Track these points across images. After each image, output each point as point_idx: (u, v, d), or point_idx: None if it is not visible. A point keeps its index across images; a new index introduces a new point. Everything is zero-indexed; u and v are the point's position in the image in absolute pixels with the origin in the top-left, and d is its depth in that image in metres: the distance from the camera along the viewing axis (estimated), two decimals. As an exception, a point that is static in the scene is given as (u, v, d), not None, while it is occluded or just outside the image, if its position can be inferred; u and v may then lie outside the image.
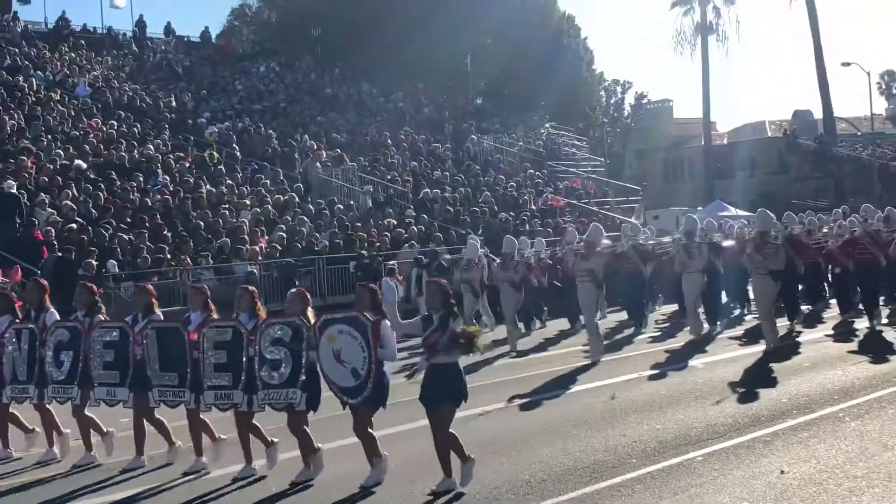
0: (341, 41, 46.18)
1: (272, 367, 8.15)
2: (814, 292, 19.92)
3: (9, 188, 19.65)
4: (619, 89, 70.34)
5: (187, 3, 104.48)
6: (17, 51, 31.75)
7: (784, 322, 16.46)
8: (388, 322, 7.89)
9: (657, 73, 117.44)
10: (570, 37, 55.76)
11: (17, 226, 18.66)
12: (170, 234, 20.73)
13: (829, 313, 18.87)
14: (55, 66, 32.23)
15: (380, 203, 27.28)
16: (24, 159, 21.96)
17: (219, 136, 28.98)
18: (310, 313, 8.34)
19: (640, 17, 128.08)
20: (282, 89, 37.37)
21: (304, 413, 8.23)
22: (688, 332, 16.68)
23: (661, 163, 58.86)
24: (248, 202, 24.27)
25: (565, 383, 12.75)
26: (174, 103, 31.67)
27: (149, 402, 8.81)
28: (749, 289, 17.94)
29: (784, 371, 12.64)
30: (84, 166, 22.98)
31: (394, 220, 25.47)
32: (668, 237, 20.26)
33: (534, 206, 29.77)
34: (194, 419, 8.79)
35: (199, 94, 34.01)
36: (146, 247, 19.60)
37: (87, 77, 31.72)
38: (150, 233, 20.35)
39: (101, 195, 21.50)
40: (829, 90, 51.27)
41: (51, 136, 24.66)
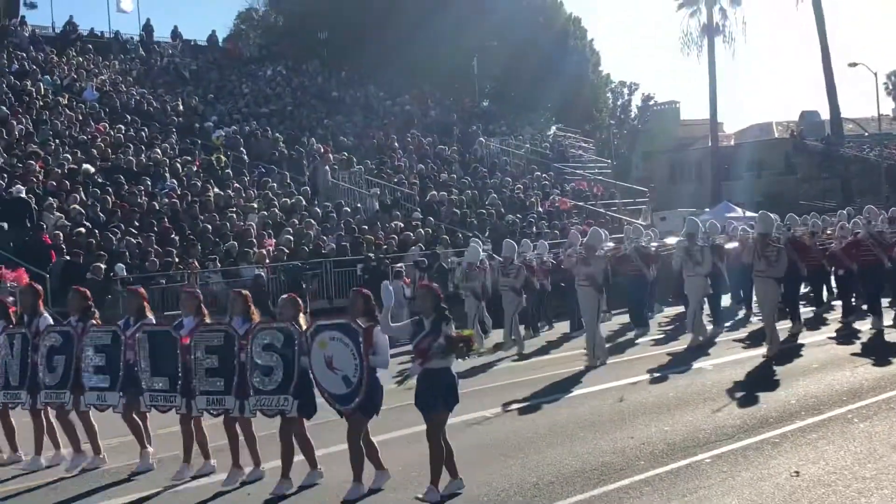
0: (348, 44, 46.27)
1: (264, 372, 8.04)
2: (817, 294, 19.88)
3: (17, 192, 19.73)
4: (625, 91, 70.45)
5: (194, 7, 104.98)
6: (25, 55, 31.89)
7: (786, 325, 16.37)
8: (381, 329, 7.75)
9: (664, 74, 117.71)
10: (576, 38, 55.71)
11: (27, 230, 18.74)
12: (177, 238, 20.77)
13: (832, 315, 18.75)
14: (63, 70, 32.31)
15: (387, 206, 27.29)
16: (33, 163, 22.01)
17: (226, 140, 29.00)
18: (301, 319, 8.24)
19: (647, 18, 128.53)
20: (289, 93, 37.45)
21: (297, 420, 8.09)
22: (690, 334, 16.46)
23: (667, 164, 58.73)
24: (256, 205, 24.31)
25: (571, 386, 12.72)
26: (181, 107, 31.72)
27: (140, 406, 8.75)
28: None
29: (792, 373, 12.62)
30: (92, 170, 23.03)
31: (401, 223, 25.47)
32: (673, 239, 20.18)
33: (541, 209, 29.76)
34: (189, 425, 8.65)
35: (206, 98, 34.03)
36: (154, 250, 19.63)
37: (95, 81, 31.78)
38: (157, 236, 20.39)
39: (108, 199, 21.54)
40: (836, 91, 51.25)
41: (59, 141, 24.74)
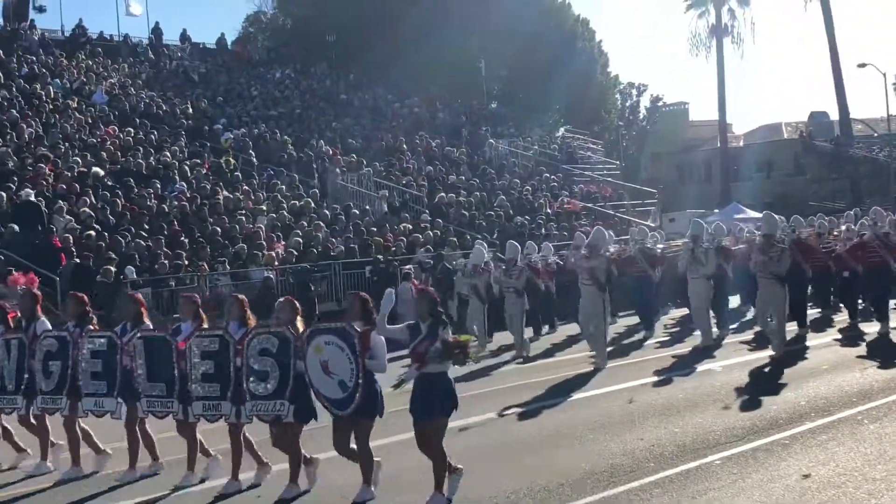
0: (356, 47, 46.37)
1: (260, 378, 8.00)
2: (823, 296, 19.79)
3: (27, 196, 19.80)
4: (634, 92, 70.16)
5: (203, 10, 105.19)
6: (35, 59, 31.96)
7: (792, 326, 16.33)
8: (378, 333, 7.68)
9: (672, 75, 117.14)
10: (585, 39, 55.72)
11: (37, 233, 18.80)
12: (187, 241, 20.80)
13: (838, 317, 18.70)
14: (72, 73, 32.39)
15: (395, 208, 27.33)
16: (42, 167, 22.05)
17: (235, 143, 29.06)
18: (299, 322, 8.20)
19: (655, 19, 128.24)
20: (297, 95, 37.51)
21: (294, 425, 8.03)
22: (696, 336, 16.46)
23: (676, 165, 58.58)
24: (265, 208, 24.36)
25: (578, 388, 12.69)
26: (190, 110, 31.77)
27: (137, 412, 8.70)
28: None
29: (801, 374, 12.60)
30: (101, 173, 23.08)
31: (409, 225, 25.51)
32: (679, 240, 20.13)
33: (549, 210, 29.76)
34: (187, 432, 8.61)
35: (215, 101, 34.08)
36: (163, 253, 19.66)
37: (104, 84, 31.83)
38: (167, 239, 20.43)
39: (118, 202, 21.60)
40: (845, 91, 51.01)
41: (68, 144, 24.79)
